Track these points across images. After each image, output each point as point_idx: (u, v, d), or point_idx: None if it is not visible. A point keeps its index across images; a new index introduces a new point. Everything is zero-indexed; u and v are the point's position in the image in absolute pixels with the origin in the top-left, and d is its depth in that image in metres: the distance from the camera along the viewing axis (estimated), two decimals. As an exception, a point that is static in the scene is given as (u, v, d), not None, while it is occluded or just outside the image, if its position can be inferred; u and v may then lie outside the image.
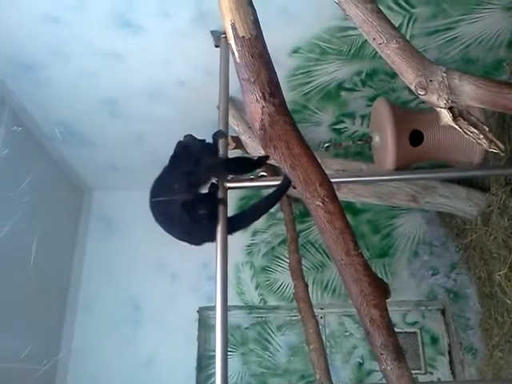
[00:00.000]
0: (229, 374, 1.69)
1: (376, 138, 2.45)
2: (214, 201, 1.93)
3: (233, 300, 3.47)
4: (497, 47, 2.55)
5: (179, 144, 2.08)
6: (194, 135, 2.09)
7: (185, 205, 1.87)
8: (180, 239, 1.99)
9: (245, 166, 2.08)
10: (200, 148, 2.06)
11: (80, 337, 3.50)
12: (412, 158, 2.42)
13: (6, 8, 2.26)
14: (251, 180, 2.10)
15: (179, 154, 2.05)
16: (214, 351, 1.69)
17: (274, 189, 2.09)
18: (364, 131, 3.13)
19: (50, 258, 3.29)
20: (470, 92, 1.24)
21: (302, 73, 2.70)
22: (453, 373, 3.40)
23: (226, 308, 1.76)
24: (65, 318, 3.52)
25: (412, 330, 3.53)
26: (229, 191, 2.00)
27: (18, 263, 2.82)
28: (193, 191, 1.94)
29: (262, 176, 2.05)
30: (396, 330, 1.24)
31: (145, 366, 3.43)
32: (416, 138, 2.35)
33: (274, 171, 3.11)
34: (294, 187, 1.37)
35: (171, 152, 2.05)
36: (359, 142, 2.59)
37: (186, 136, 2.10)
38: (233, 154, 2.63)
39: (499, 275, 2.76)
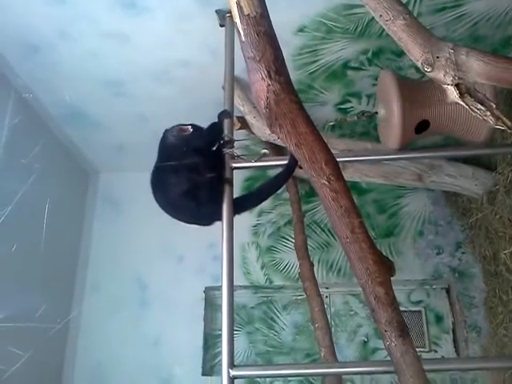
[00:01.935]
0: (235, 353, 1.71)
1: (382, 111, 2.39)
2: (219, 181, 1.94)
3: (239, 280, 3.50)
4: (505, 24, 2.51)
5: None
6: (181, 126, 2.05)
7: (188, 191, 1.88)
8: (187, 222, 2.01)
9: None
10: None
11: (87, 316, 3.55)
12: (413, 140, 2.38)
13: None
14: (257, 160, 2.08)
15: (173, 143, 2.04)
16: (221, 330, 1.71)
17: (279, 169, 2.09)
18: (370, 110, 3.10)
19: (58, 239, 3.32)
20: (478, 68, 1.23)
21: (308, 52, 2.68)
22: (457, 351, 3.43)
23: (232, 288, 1.77)
24: (73, 297, 3.56)
25: (417, 308, 3.55)
26: (234, 172, 2.01)
27: (29, 240, 2.86)
28: (196, 172, 1.94)
29: (264, 154, 2.03)
30: (401, 308, 1.25)
31: (152, 346, 3.47)
32: (421, 125, 2.31)
33: (278, 150, 3.11)
34: (301, 167, 1.36)
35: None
36: (364, 117, 2.54)
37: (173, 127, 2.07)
38: (238, 134, 2.64)
39: (504, 254, 2.76)
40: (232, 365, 1.64)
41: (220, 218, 1.88)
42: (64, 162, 3.56)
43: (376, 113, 2.43)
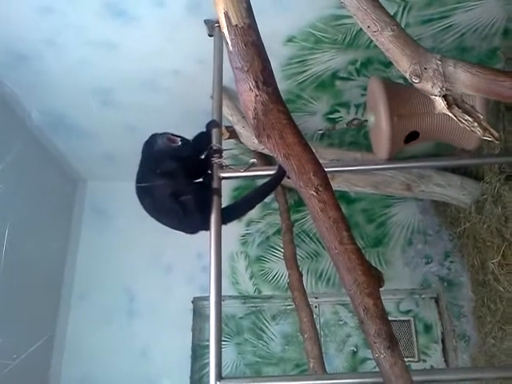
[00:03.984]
0: (223, 364, 1.70)
1: (371, 119, 2.41)
2: (208, 190, 1.93)
3: (227, 290, 3.48)
4: (492, 35, 2.54)
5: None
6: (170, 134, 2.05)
7: (174, 195, 1.87)
8: (173, 228, 1.99)
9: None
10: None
11: (74, 327, 3.51)
12: (401, 150, 2.41)
13: (-1, -2, 2.24)
14: (245, 170, 2.08)
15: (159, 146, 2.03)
16: (209, 341, 1.69)
17: (268, 178, 2.09)
18: (360, 118, 3.12)
19: (44, 249, 3.28)
20: (465, 80, 1.24)
21: (297, 62, 2.68)
22: (446, 360, 3.43)
23: (220, 298, 1.76)
24: (59, 308, 3.52)
25: (406, 318, 3.55)
26: (222, 181, 2.00)
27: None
28: (184, 181, 1.94)
29: (253, 164, 2.03)
30: (390, 318, 1.25)
31: (139, 356, 3.44)
32: (411, 135, 2.34)
33: (267, 160, 3.11)
34: (289, 177, 1.36)
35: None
36: (353, 125, 2.54)
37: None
38: (227, 143, 2.63)
39: (492, 263, 2.77)
40: (220, 377, 1.63)
41: (207, 228, 1.87)
42: (51, 170, 3.52)
43: (366, 121, 2.44)
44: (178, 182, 1.90)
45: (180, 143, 1.97)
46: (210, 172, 1.99)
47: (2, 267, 2.65)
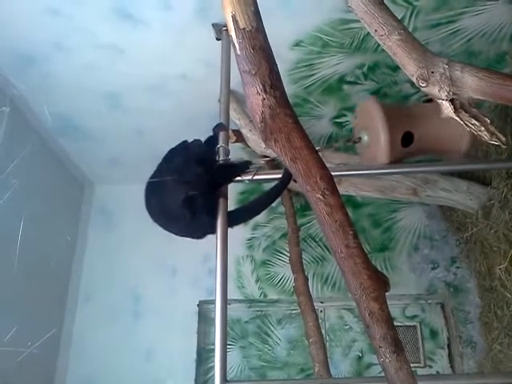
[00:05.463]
0: (228, 367, 1.69)
1: (365, 138, 2.43)
2: (215, 194, 1.93)
3: (233, 293, 3.48)
4: (500, 40, 2.53)
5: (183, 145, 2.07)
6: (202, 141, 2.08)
7: (186, 200, 1.87)
8: (180, 235, 1.99)
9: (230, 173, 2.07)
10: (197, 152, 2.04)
11: (80, 328, 3.52)
12: (403, 156, 2.42)
13: (7, 1, 2.25)
14: (252, 174, 2.08)
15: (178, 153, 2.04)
16: (214, 344, 1.69)
17: (275, 182, 2.09)
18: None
19: (51, 250, 3.29)
20: (472, 84, 1.24)
21: (304, 66, 2.69)
22: (452, 366, 3.41)
23: (225, 301, 1.76)
24: (65, 309, 3.53)
25: (412, 323, 3.53)
26: (229, 185, 2.00)
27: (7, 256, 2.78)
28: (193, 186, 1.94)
29: (260, 168, 2.03)
30: (396, 323, 1.24)
31: (144, 359, 3.44)
32: (406, 138, 2.35)
33: (273, 164, 3.11)
34: (295, 181, 1.36)
35: (172, 146, 2.05)
36: (350, 143, 2.57)
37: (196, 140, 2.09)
38: (233, 147, 2.63)
39: (499, 269, 2.76)
40: (225, 380, 1.63)
41: (213, 231, 1.87)
42: (59, 173, 3.54)
43: (359, 138, 2.46)
44: (189, 184, 1.90)
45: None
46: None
47: (16, 262, 2.67)
